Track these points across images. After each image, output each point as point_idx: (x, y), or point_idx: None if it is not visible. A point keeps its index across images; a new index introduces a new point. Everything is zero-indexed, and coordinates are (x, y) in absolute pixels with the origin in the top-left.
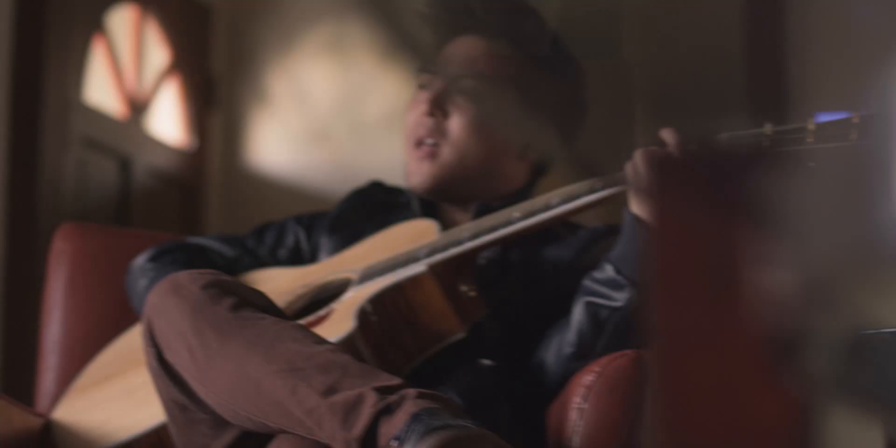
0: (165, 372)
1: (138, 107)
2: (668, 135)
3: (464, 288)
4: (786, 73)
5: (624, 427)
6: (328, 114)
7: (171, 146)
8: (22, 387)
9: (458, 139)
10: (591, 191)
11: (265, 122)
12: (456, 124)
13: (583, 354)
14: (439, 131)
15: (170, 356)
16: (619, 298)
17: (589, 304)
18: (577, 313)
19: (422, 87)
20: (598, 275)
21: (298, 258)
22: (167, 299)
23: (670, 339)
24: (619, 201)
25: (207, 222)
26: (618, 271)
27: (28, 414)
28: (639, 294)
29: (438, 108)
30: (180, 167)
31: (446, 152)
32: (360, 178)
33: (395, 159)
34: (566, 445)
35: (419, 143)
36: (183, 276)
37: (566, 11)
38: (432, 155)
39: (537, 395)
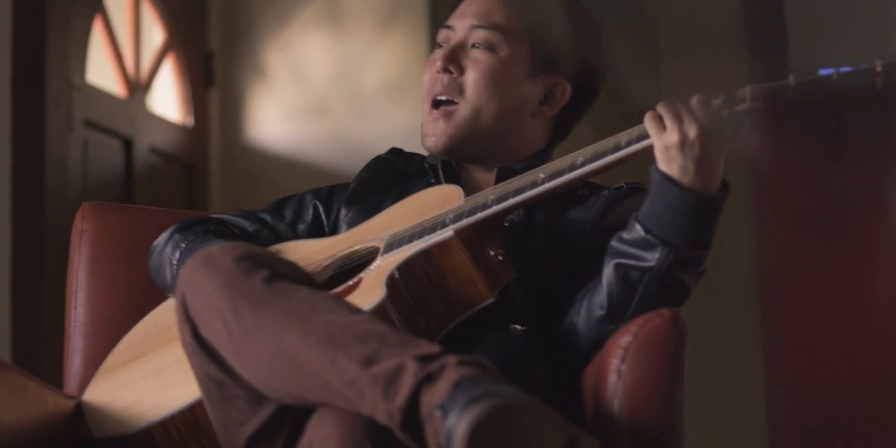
0: (201, 348)
1: (138, 86)
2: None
3: (491, 252)
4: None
5: (664, 387)
6: (326, 87)
7: (172, 124)
8: (30, 369)
9: (474, 94)
10: (617, 148)
11: (263, 97)
12: (471, 79)
13: (615, 317)
14: (455, 87)
15: (205, 332)
16: (651, 258)
17: (619, 266)
18: (607, 275)
19: (439, 44)
20: (626, 235)
21: (318, 232)
22: (200, 273)
23: (785, 280)
24: (645, 158)
25: (211, 199)
26: (647, 231)
27: (60, 396)
28: (670, 253)
29: (453, 63)
30: (181, 145)
31: (462, 109)
32: (361, 150)
33: (394, 130)
34: (606, 408)
35: (435, 102)
36: (215, 249)
37: None
38: (448, 114)
39: (570, 358)
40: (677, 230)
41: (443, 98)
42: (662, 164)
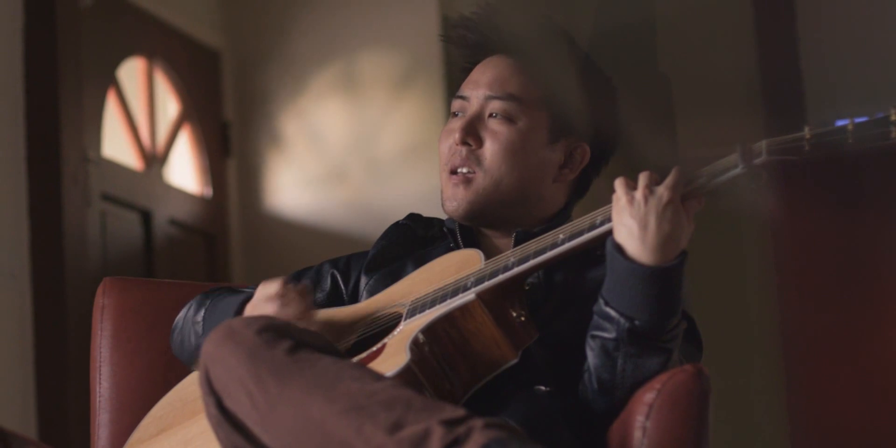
0: (226, 419)
1: (154, 158)
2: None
3: (514, 313)
4: (800, 76)
5: (689, 442)
6: (343, 153)
7: (190, 195)
8: (57, 445)
9: (493, 166)
10: None
11: (281, 165)
12: (489, 151)
13: (608, 388)
14: (474, 159)
15: (230, 403)
16: (612, 329)
17: (594, 337)
18: (588, 347)
19: (454, 114)
20: (595, 307)
21: (337, 301)
22: (223, 346)
23: (807, 339)
24: None
25: (232, 269)
26: (606, 303)
27: None
28: (625, 323)
29: (471, 136)
30: (200, 216)
31: (481, 179)
32: (380, 216)
33: (412, 194)
34: None
35: (454, 172)
36: (236, 321)
37: (602, 26)
38: (467, 180)
39: (595, 417)
40: (630, 302)
41: (463, 170)
42: (615, 231)
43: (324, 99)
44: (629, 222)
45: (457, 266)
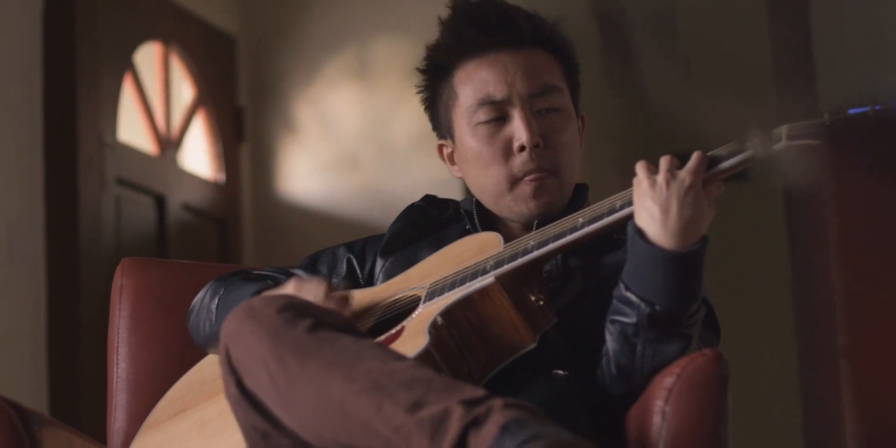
0: (246, 399)
1: (169, 143)
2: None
3: (532, 297)
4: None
5: (708, 426)
6: (356, 140)
7: (204, 180)
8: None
9: (565, 164)
10: None
11: (294, 151)
12: (559, 150)
13: (626, 374)
14: (546, 161)
15: (249, 382)
16: (632, 314)
17: (613, 322)
18: (608, 332)
19: (493, 121)
20: (615, 291)
21: (352, 285)
22: (243, 325)
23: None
24: None
25: (243, 254)
26: (626, 287)
27: None
28: (646, 308)
29: (541, 138)
30: (213, 201)
31: (558, 180)
32: (392, 202)
33: (425, 181)
34: None
35: (520, 178)
36: (257, 300)
37: (628, 11)
38: (545, 186)
39: (612, 402)
40: (651, 287)
41: (535, 175)
42: (636, 215)
43: (337, 85)
44: (651, 206)
45: (476, 249)
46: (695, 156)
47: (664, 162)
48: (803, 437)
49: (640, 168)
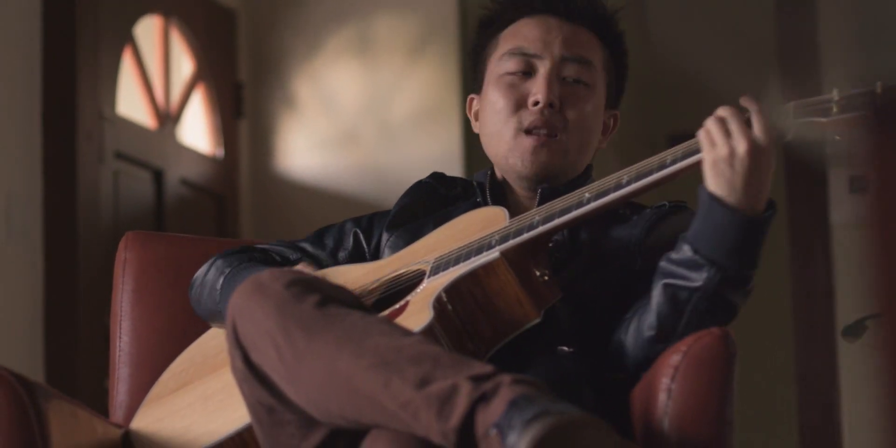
0: (252, 373)
1: (168, 117)
2: (748, 102)
3: (537, 272)
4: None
5: (715, 405)
6: (356, 116)
7: (202, 155)
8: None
9: (575, 133)
10: (662, 166)
11: (293, 127)
12: (573, 117)
13: (664, 337)
14: (558, 122)
15: (256, 357)
16: (698, 279)
17: (667, 286)
18: (656, 295)
19: (518, 73)
20: (675, 255)
21: (359, 260)
22: (251, 299)
23: None
24: (689, 177)
25: (241, 230)
26: (695, 251)
27: (108, 425)
28: (717, 273)
29: (557, 99)
30: (211, 176)
31: (564, 143)
32: (391, 179)
33: (425, 158)
34: (656, 427)
35: (529, 131)
36: (265, 275)
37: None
38: (549, 143)
39: (617, 378)
40: (724, 250)
41: (543, 131)
42: (710, 181)
43: (338, 61)
44: (727, 172)
45: (481, 224)
46: (757, 114)
47: (734, 122)
48: (798, 419)
49: (714, 126)
